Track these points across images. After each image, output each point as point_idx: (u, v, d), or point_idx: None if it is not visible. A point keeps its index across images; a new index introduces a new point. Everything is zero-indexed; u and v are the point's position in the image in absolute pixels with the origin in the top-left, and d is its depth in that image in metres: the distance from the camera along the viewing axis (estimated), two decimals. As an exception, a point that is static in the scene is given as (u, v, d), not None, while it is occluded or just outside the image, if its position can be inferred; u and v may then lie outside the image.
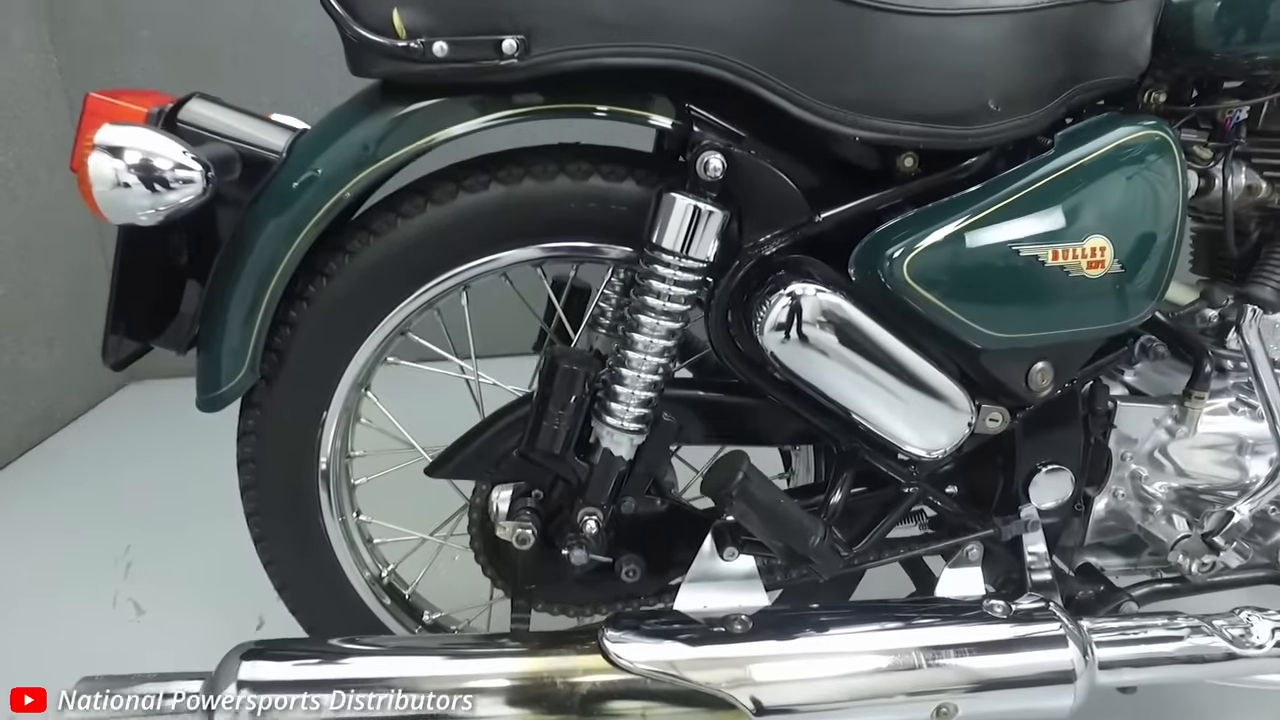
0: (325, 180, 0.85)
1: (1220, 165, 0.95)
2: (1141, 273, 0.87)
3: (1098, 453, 1.01)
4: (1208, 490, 1.01)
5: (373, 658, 0.82)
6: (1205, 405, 0.98)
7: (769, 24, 0.78)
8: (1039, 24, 0.81)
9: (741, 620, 0.85)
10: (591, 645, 0.83)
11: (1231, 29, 0.87)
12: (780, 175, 0.83)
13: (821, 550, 0.86)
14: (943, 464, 0.97)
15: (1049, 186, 0.84)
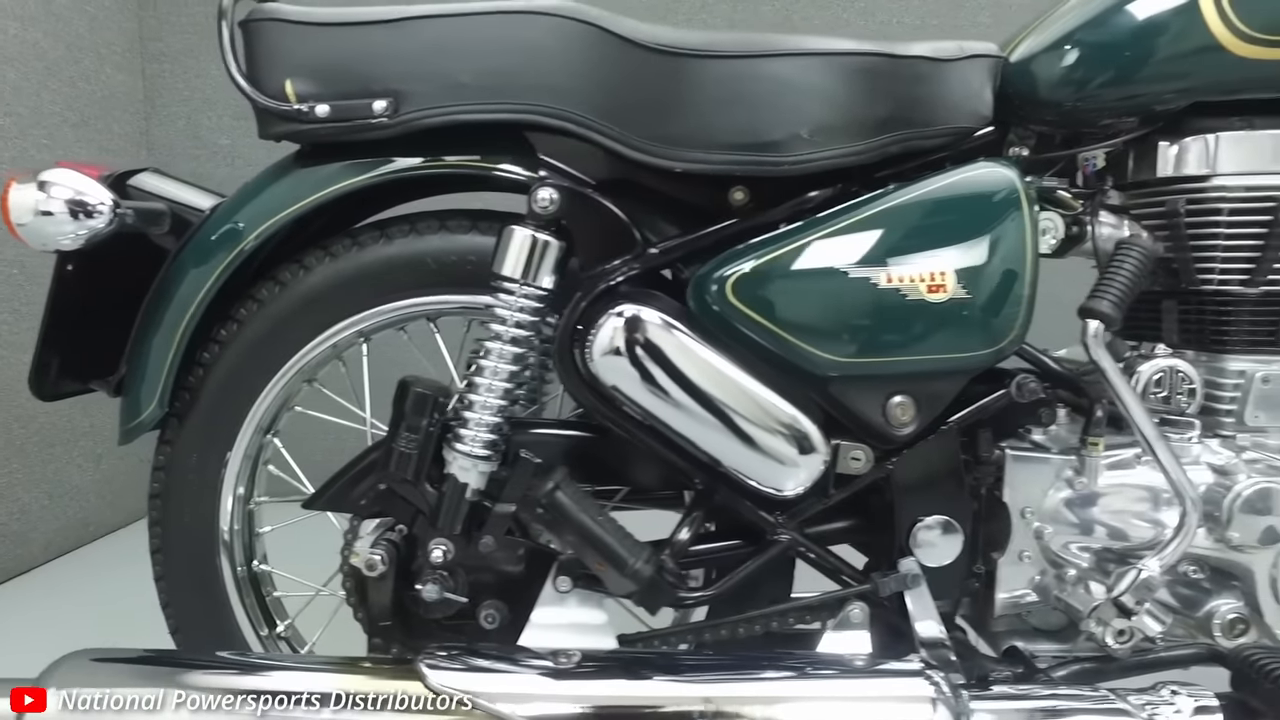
0: (230, 235, 0.97)
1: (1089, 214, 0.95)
2: (990, 305, 0.86)
3: (993, 508, 0.94)
4: (1121, 550, 0.91)
5: (193, 672, 0.83)
6: (1106, 455, 0.91)
7: (598, 78, 0.88)
8: (853, 68, 0.87)
9: (568, 657, 0.82)
10: (410, 670, 0.81)
11: (1064, 84, 0.91)
12: (612, 209, 0.90)
13: (642, 578, 0.83)
14: (810, 510, 0.92)
15: (883, 214, 0.86)
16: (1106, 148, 0.95)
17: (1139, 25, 0.88)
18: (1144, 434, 0.84)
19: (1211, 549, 0.89)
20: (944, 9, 2.61)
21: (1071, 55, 0.90)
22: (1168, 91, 0.89)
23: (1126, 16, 0.88)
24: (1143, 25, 0.88)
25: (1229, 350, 0.95)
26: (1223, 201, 0.91)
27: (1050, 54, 0.92)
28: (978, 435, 0.93)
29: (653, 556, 0.85)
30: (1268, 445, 0.94)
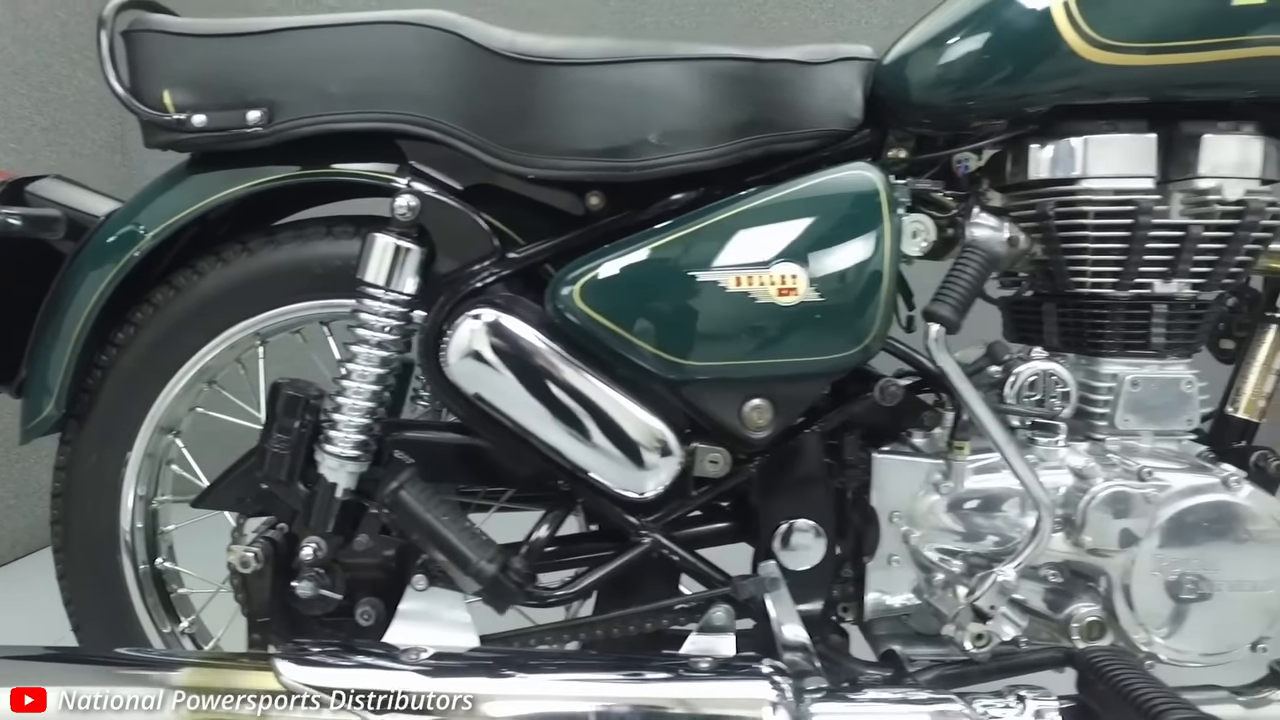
0: (122, 240, 1.00)
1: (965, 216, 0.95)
2: (845, 307, 0.86)
3: (862, 512, 0.94)
4: (986, 554, 0.91)
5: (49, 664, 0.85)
6: (972, 459, 0.91)
7: (460, 87, 0.89)
8: (708, 73, 0.88)
9: (418, 653, 0.83)
10: (264, 664, 0.83)
11: (929, 87, 0.91)
12: (470, 216, 0.91)
13: (485, 578, 0.84)
14: (674, 512, 0.93)
15: (735, 218, 0.87)
16: (975, 150, 0.95)
17: (997, 30, 0.87)
18: (993, 438, 0.84)
19: (1070, 552, 0.89)
20: (911, 9, 2.59)
21: (935, 59, 0.90)
22: (1027, 96, 0.89)
23: (986, 22, 0.88)
24: (1001, 30, 0.87)
25: (1103, 353, 0.95)
26: (1089, 204, 0.90)
27: (916, 57, 0.92)
28: (843, 438, 0.93)
29: (497, 556, 0.86)
30: (1138, 449, 0.94)
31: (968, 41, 0.89)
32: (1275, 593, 0.87)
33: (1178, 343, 0.95)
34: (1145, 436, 0.94)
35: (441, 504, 0.86)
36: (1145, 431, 0.94)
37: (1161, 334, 0.93)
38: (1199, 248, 0.90)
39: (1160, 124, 0.93)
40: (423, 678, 0.81)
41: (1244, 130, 0.92)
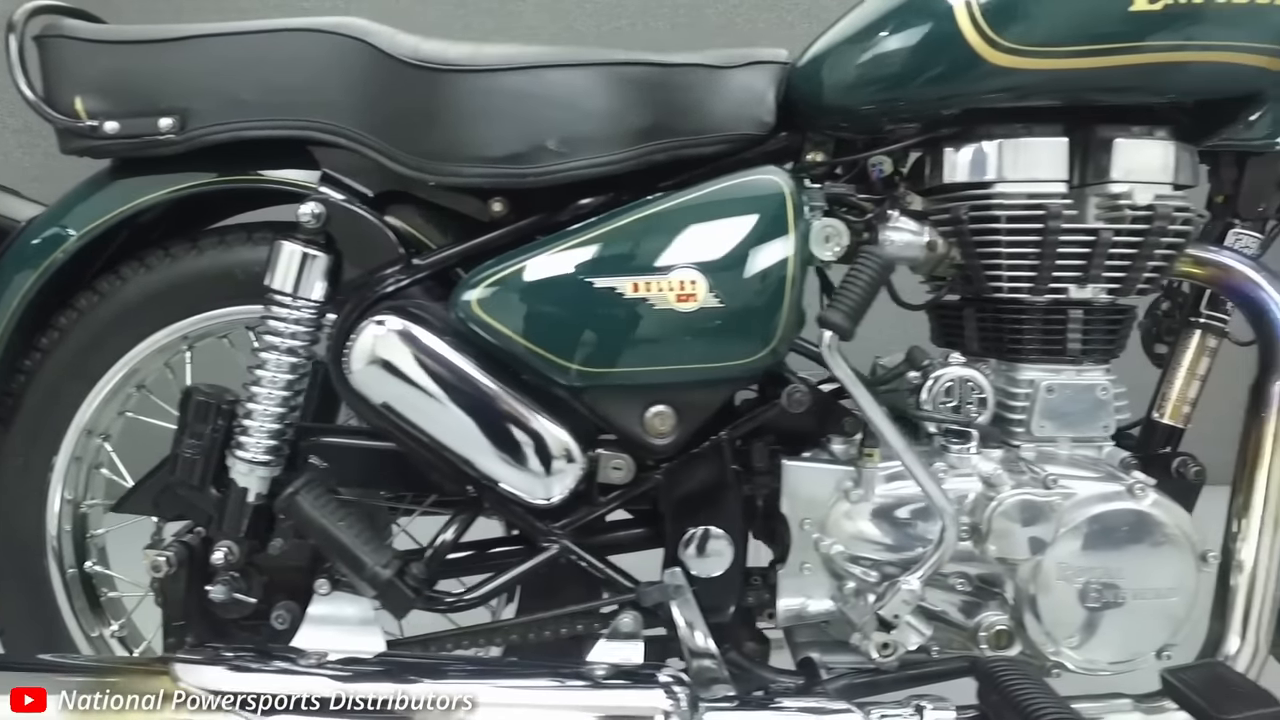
0: (43, 246, 1.00)
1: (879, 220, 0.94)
2: (745, 313, 0.86)
3: (773, 520, 0.93)
4: (896, 562, 0.90)
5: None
6: (882, 466, 0.91)
7: (367, 94, 0.90)
8: (611, 79, 0.88)
9: (316, 657, 0.83)
10: (161, 668, 0.83)
11: (838, 90, 0.90)
12: (375, 222, 0.91)
13: (379, 582, 0.84)
14: (583, 518, 0.93)
15: (635, 224, 0.87)
16: (890, 153, 0.94)
17: (903, 34, 0.87)
18: (892, 445, 0.83)
19: (977, 561, 0.88)
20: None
21: (844, 62, 0.90)
22: (933, 99, 0.88)
23: (893, 25, 0.87)
24: (906, 34, 0.86)
25: (1021, 359, 0.94)
26: (1001, 209, 0.89)
27: (826, 60, 0.91)
28: (752, 445, 0.93)
29: (393, 562, 0.86)
30: (1056, 456, 0.93)
31: (875, 45, 0.88)
32: (1179, 600, 0.86)
33: (1095, 348, 0.93)
34: (1063, 443, 0.93)
35: (339, 509, 0.86)
36: (1063, 438, 0.93)
37: (1077, 339, 0.92)
38: (1110, 252, 0.89)
39: (1077, 128, 0.92)
40: (314, 681, 0.81)
41: (1157, 135, 0.91)
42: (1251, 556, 0.90)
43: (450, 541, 0.92)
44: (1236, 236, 1.01)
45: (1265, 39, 0.83)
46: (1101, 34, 0.82)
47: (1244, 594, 0.89)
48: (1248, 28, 0.82)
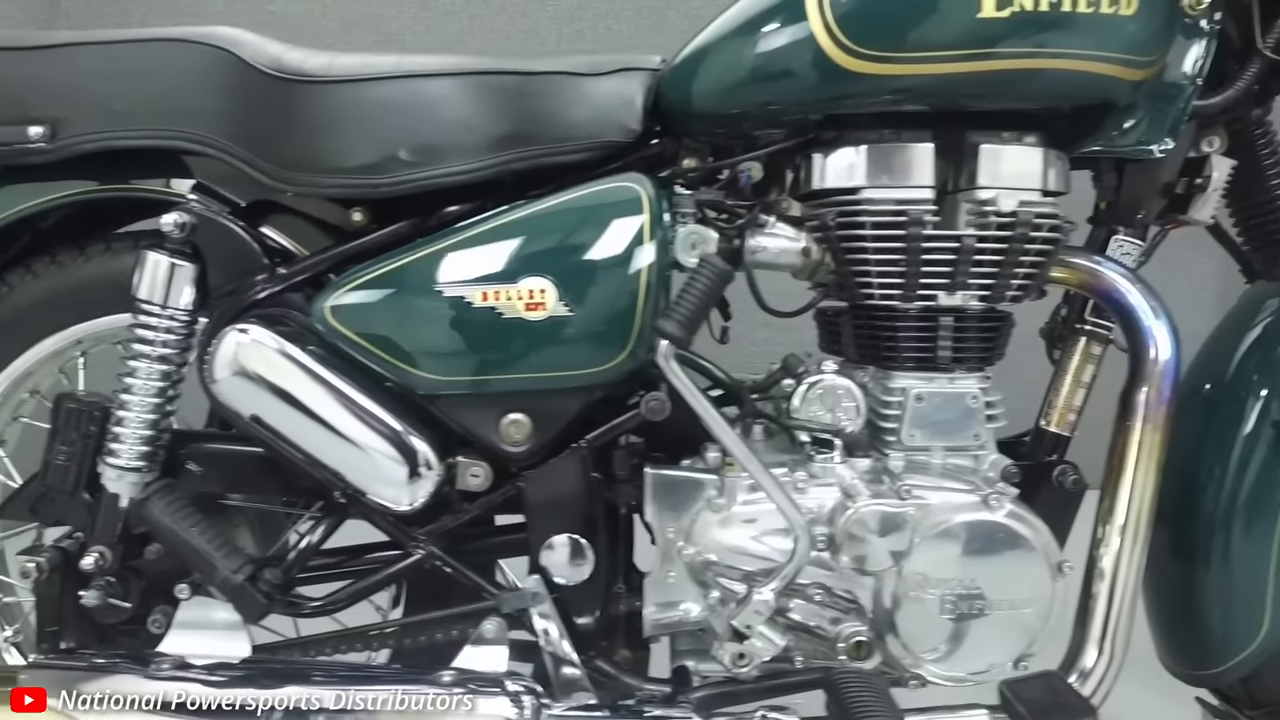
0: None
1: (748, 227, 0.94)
2: (597, 320, 0.86)
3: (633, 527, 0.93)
4: (758, 571, 0.89)
5: None
6: (744, 475, 0.90)
7: (231, 104, 0.90)
8: (467, 88, 0.88)
9: (166, 662, 0.84)
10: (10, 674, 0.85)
11: (700, 95, 0.90)
12: (237, 231, 0.92)
13: (229, 588, 0.85)
14: (448, 524, 0.93)
15: (487, 233, 0.87)
16: (756, 159, 0.94)
17: (759, 40, 0.86)
18: (735, 455, 0.83)
19: (834, 572, 0.87)
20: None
21: (706, 68, 0.89)
22: (791, 105, 0.87)
23: (750, 31, 0.87)
24: (764, 40, 0.86)
25: (894, 366, 0.93)
26: (866, 215, 0.89)
27: (690, 66, 0.91)
28: (613, 453, 0.92)
29: (245, 567, 0.87)
30: (929, 466, 0.91)
31: (735, 51, 0.88)
32: (1034, 611, 0.85)
33: (968, 356, 0.92)
34: (936, 452, 0.92)
35: (193, 514, 0.87)
36: (936, 447, 0.92)
37: (948, 347, 0.91)
38: (976, 259, 0.88)
39: (947, 134, 0.91)
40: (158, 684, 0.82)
41: (1026, 142, 0.90)
42: (1112, 565, 0.88)
43: (314, 546, 0.92)
44: (1118, 244, 1.00)
45: (1114, 48, 0.82)
46: (951, 40, 0.81)
47: (1104, 602, 0.88)
48: (1096, 36, 0.81)
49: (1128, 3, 0.82)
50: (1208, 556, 1.00)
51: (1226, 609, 0.99)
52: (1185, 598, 1.02)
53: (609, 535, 0.93)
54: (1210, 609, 1.00)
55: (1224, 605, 0.99)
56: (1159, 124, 0.94)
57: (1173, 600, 1.04)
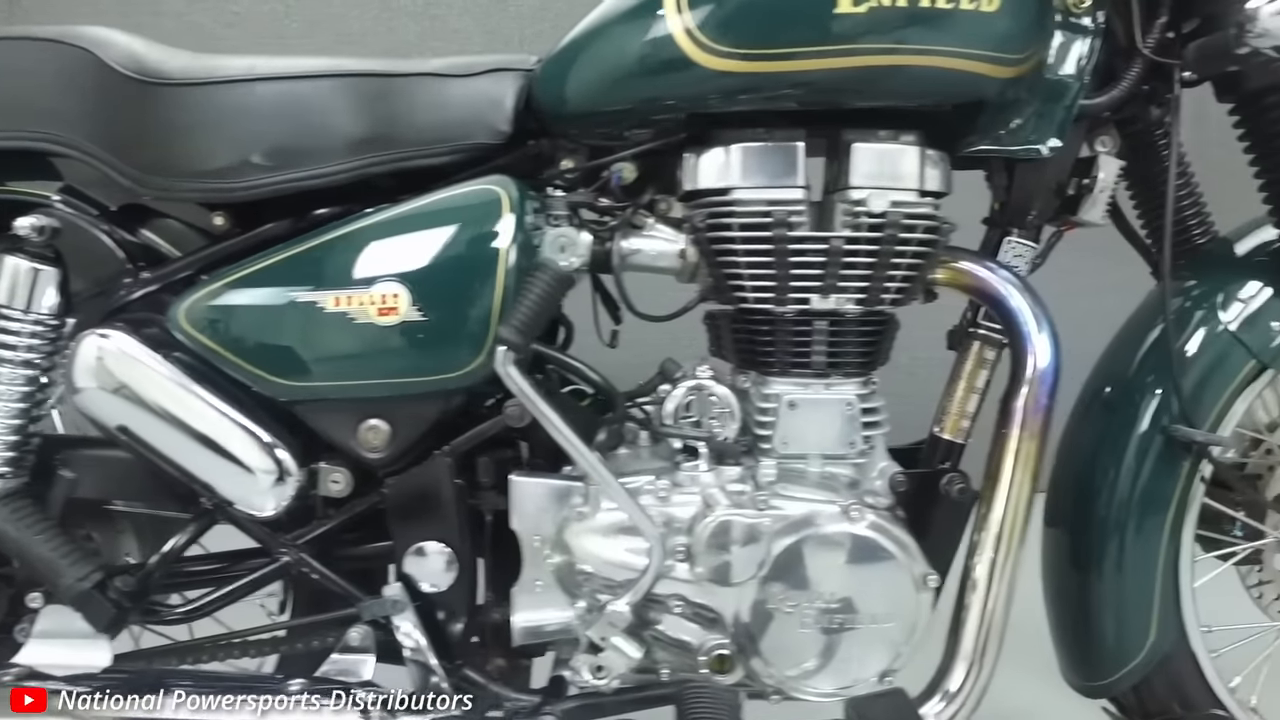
0: None
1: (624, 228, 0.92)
2: (452, 325, 0.84)
3: (502, 535, 0.91)
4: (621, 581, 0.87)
5: None
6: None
7: (92, 106, 0.89)
8: (325, 90, 0.87)
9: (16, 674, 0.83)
10: None
11: (566, 96, 0.88)
12: (98, 235, 0.91)
13: (76, 596, 0.84)
14: (314, 530, 0.91)
15: (343, 238, 0.86)
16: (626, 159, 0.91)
17: (622, 39, 0.85)
18: (581, 464, 0.81)
19: (694, 583, 0.85)
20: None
21: (571, 68, 0.88)
22: (655, 104, 0.86)
23: (613, 30, 0.85)
24: (625, 39, 0.84)
25: (771, 372, 0.91)
26: (734, 216, 0.87)
27: (556, 66, 0.89)
28: (476, 459, 0.91)
29: (92, 575, 0.85)
30: (805, 475, 0.89)
31: (596, 50, 0.87)
32: (897, 625, 0.82)
33: (846, 361, 0.90)
34: (813, 460, 0.90)
35: (39, 521, 0.86)
36: (812, 455, 0.90)
37: (823, 352, 0.89)
38: (846, 261, 0.86)
39: (824, 134, 0.89)
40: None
41: (903, 141, 0.88)
42: (986, 575, 0.86)
43: (177, 551, 0.91)
44: (1010, 246, 0.97)
45: (978, 45, 0.80)
46: (808, 37, 0.79)
47: (976, 613, 0.85)
48: (958, 33, 0.79)
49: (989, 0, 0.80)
50: (1100, 564, 0.98)
51: (1118, 617, 0.97)
52: (1080, 607, 1.00)
53: (474, 543, 0.91)
54: (1103, 617, 0.98)
55: (1115, 613, 0.97)
56: (1046, 123, 0.92)
57: (1070, 610, 1.02)
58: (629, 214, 0.92)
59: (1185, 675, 1.00)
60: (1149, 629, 0.96)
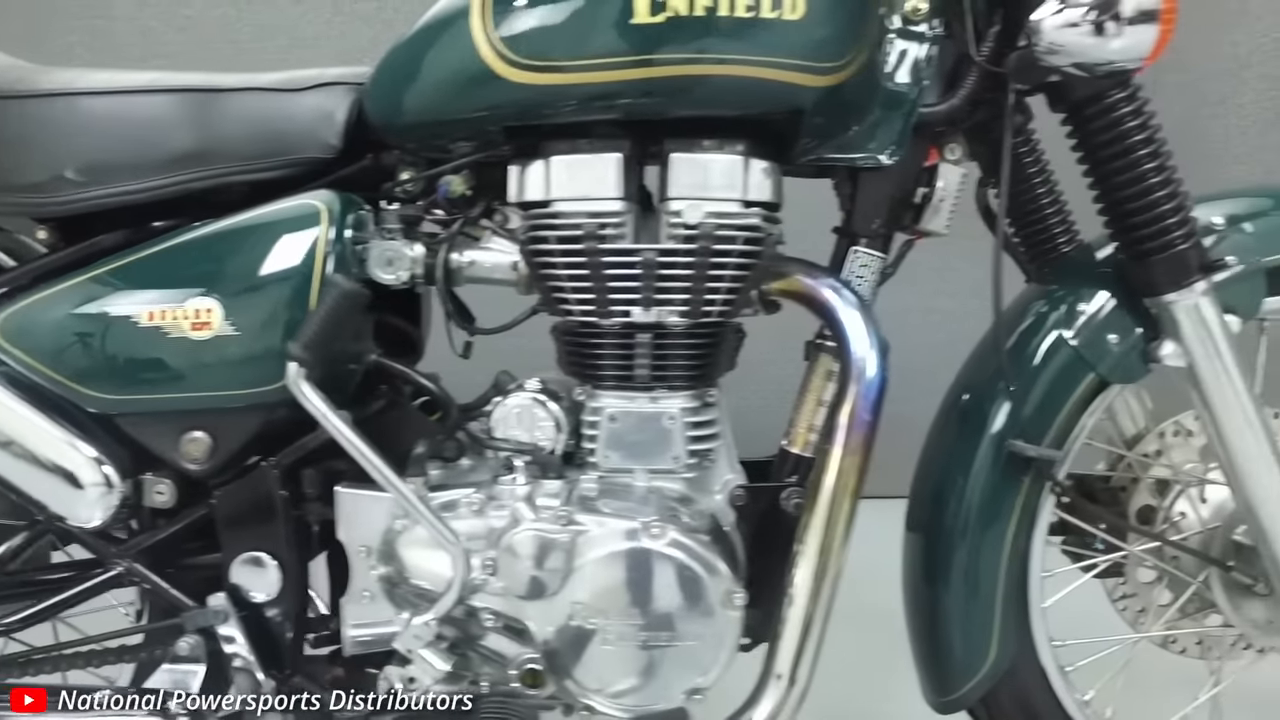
0: None
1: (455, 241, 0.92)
2: (266, 339, 0.85)
3: (329, 546, 0.92)
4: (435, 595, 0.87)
5: None
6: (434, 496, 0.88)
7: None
8: (143, 105, 0.87)
9: None
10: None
11: (386, 109, 0.88)
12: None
13: None
14: (146, 540, 0.92)
15: (162, 253, 0.87)
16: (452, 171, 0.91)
17: (432, 51, 0.84)
18: (376, 476, 0.81)
19: (500, 597, 0.85)
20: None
21: (391, 79, 0.88)
22: (466, 116, 0.85)
23: (423, 42, 0.85)
24: (434, 51, 0.84)
25: (598, 385, 0.90)
26: (551, 228, 0.86)
27: (378, 78, 0.89)
28: (301, 470, 0.91)
29: None
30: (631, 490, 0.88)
31: (411, 63, 0.86)
32: (702, 644, 0.82)
33: (673, 375, 0.89)
34: (639, 475, 0.89)
35: None
36: (638, 469, 0.89)
37: (645, 365, 0.88)
38: (661, 274, 0.85)
39: (647, 145, 0.88)
40: None
41: (728, 151, 0.87)
42: (805, 590, 0.84)
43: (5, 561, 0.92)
44: (855, 256, 0.96)
45: (785, 54, 0.79)
46: (608, 48, 0.79)
47: (793, 628, 0.84)
48: (760, 42, 0.78)
49: (792, 7, 0.78)
50: (948, 575, 0.97)
51: (963, 629, 0.96)
52: (931, 619, 0.99)
53: (301, 553, 0.92)
54: (950, 630, 0.97)
55: (961, 626, 0.96)
56: (886, 131, 0.91)
57: (923, 621, 1.01)
58: (457, 227, 0.92)
59: (1033, 690, 0.99)
60: (990, 643, 0.95)
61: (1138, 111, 0.87)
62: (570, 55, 0.79)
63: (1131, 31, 0.74)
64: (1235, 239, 0.94)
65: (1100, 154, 0.89)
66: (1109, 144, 0.88)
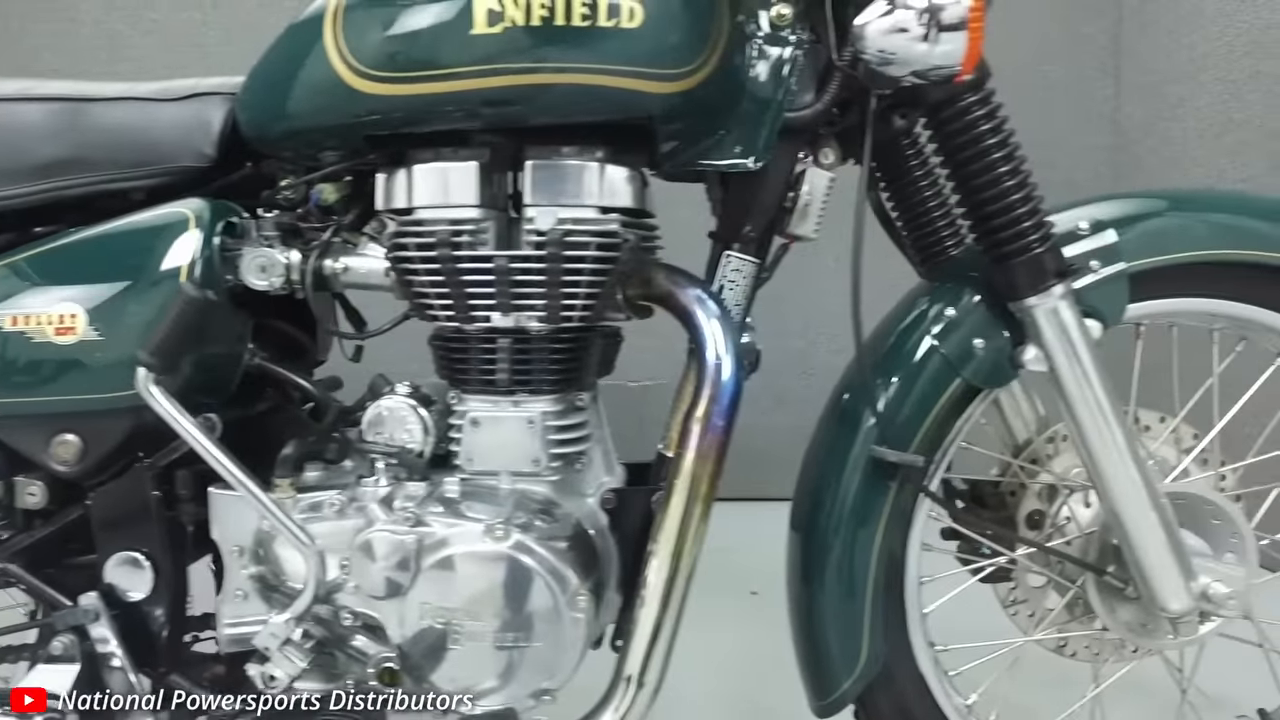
0: None
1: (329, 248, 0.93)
2: (126, 343, 0.86)
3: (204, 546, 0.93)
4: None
5: None
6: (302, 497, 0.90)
7: None
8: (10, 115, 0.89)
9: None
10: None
11: (257, 118, 0.90)
12: None
13: None
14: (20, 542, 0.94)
15: (27, 259, 0.89)
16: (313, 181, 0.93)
17: (286, 62, 0.86)
18: (228, 478, 0.83)
19: (355, 596, 0.86)
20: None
21: (254, 90, 0.90)
22: (323, 127, 0.87)
23: (280, 53, 0.87)
24: (289, 62, 0.86)
25: (464, 389, 0.92)
26: (410, 236, 0.87)
27: (245, 88, 0.91)
28: (174, 472, 0.93)
29: None
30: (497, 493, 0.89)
31: (273, 74, 0.88)
32: (546, 645, 0.83)
33: (535, 379, 0.90)
34: (504, 478, 0.90)
35: None
36: (503, 473, 0.90)
37: (505, 370, 0.90)
38: (515, 280, 0.86)
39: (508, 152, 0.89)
40: None
41: (587, 158, 0.87)
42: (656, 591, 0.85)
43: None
44: (728, 260, 0.96)
45: (625, 61, 0.80)
46: (450, 59, 0.80)
47: (644, 629, 0.84)
48: (601, 50, 0.79)
49: (630, 16, 0.79)
50: (823, 576, 0.97)
51: (838, 630, 0.97)
52: (809, 621, 0.99)
53: (175, 553, 0.94)
54: (826, 632, 0.97)
55: (835, 627, 0.97)
56: (751, 136, 0.91)
57: (801, 624, 1.01)
58: (329, 234, 0.94)
59: (910, 694, 0.99)
60: (860, 646, 0.95)
61: (990, 115, 0.87)
62: (416, 66, 0.81)
63: (946, 39, 0.74)
64: (1107, 243, 0.93)
65: (957, 157, 0.89)
66: (964, 147, 0.88)
